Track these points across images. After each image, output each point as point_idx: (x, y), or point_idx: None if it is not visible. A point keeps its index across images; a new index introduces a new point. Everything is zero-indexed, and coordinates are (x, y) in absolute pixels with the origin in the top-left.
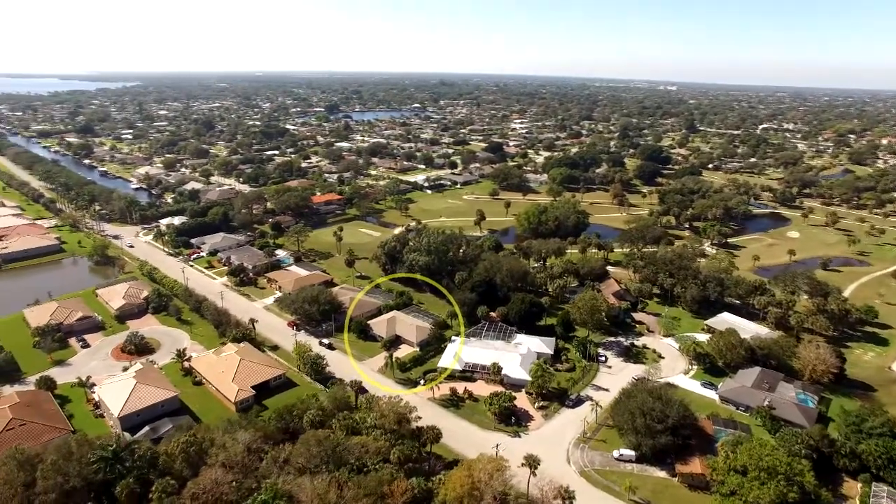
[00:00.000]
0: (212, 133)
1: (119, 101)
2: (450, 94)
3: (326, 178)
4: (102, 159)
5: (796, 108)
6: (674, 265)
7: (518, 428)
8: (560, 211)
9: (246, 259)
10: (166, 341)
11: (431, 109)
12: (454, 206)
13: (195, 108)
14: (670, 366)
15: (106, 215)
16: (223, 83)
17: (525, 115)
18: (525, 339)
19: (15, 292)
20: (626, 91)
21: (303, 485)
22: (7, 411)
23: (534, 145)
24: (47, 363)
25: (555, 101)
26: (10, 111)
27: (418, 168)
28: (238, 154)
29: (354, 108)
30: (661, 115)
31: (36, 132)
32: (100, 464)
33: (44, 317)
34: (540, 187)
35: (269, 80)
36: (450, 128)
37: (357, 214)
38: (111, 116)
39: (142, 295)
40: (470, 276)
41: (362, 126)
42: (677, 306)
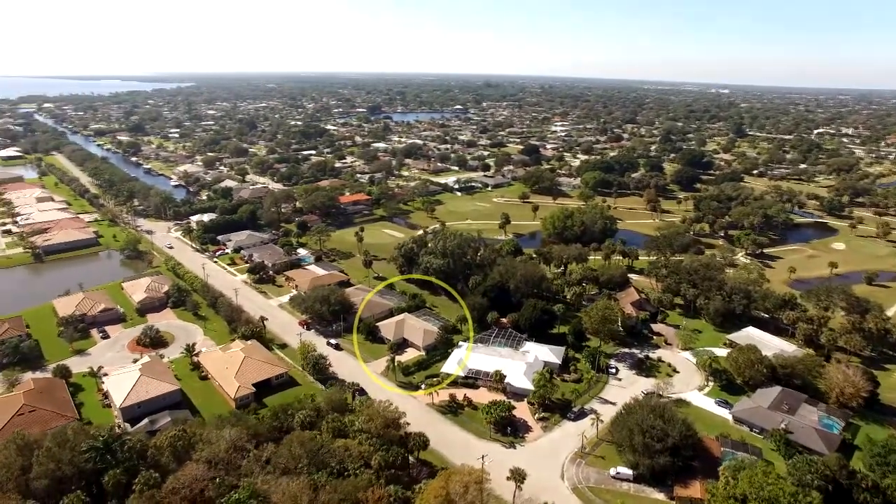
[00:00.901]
0: (253, 132)
1: (172, 101)
2: (493, 95)
3: (358, 178)
4: (148, 157)
5: (859, 111)
6: (698, 275)
7: (514, 439)
8: (587, 216)
9: (267, 257)
10: (180, 335)
11: (473, 111)
12: (482, 208)
13: (242, 108)
14: (684, 381)
15: (142, 211)
16: (272, 84)
17: (567, 117)
18: (534, 347)
19: (51, 283)
20: (675, 94)
21: (279, 485)
22: (21, 397)
23: (571, 148)
24: (68, 352)
25: (599, 104)
26: (74, 111)
27: (451, 170)
28: (275, 153)
29: (396, 109)
30: (708, 119)
31: (93, 131)
32: (91, 453)
33: (70, 307)
34: (572, 191)
35: (316, 80)
36: (489, 130)
37: (384, 215)
38: (162, 116)
39: (163, 289)
40: (484, 281)
41: (401, 127)
42: (700, 318)
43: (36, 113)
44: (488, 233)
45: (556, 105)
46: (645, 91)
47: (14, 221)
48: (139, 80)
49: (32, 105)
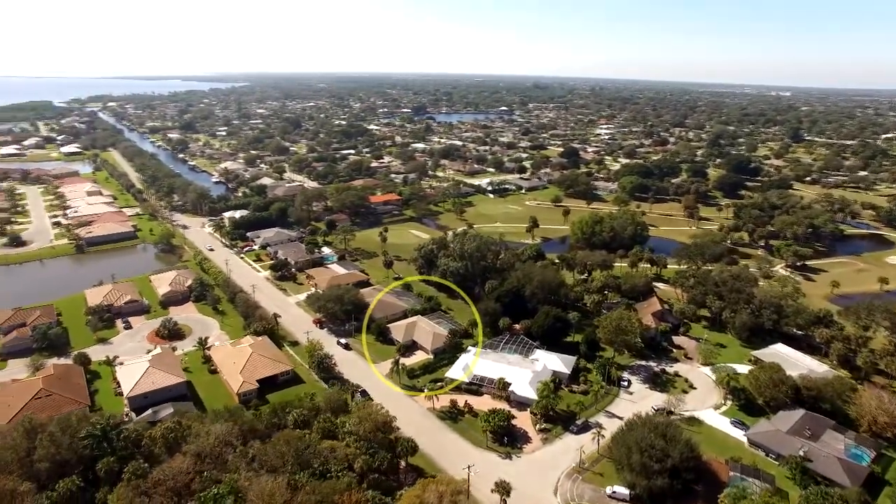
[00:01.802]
0: (297, 131)
1: (225, 100)
2: (541, 97)
3: (393, 178)
4: (194, 154)
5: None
6: (726, 287)
7: (512, 449)
8: (617, 221)
9: (291, 254)
10: (198, 329)
11: (518, 113)
12: (513, 211)
13: (290, 107)
14: (700, 398)
15: (180, 206)
16: (322, 84)
17: (613, 120)
18: (543, 355)
19: (88, 273)
20: (731, 97)
21: (258, 483)
22: (39, 382)
23: (613, 152)
24: (93, 340)
25: (648, 107)
26: (134, 110)
27: (488, 171)
28: (315, 152)
29: (441, 110)
30: (763, 123)
31: (148, 128)
32: (89, 440)
33: (98, 297)
34: (608, 196)
35: (366, 81)
36: (531, 132)
37: (413, 216)
38: (213, 114)
39: (186, 283)
40: (501, 285)
41: (443, 128)
42: (726, 333)
43: (101, 111)
44: (516, 236)
45: (604, 108)
46: (699, 94)
47: (64, 214)
48: (198, 80)
49: (99, 104)
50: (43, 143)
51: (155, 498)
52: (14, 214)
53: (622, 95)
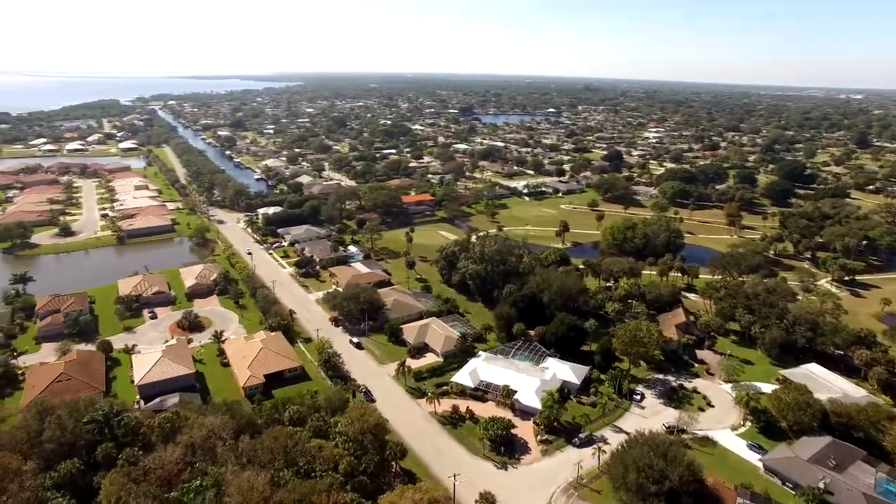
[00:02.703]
0: (342, 130)
1: (277, 99)
2: (591, 99)
3: (430, 178)
4: (240, 151)
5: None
6: (758, 300)
7: (509, 459)
8: (650, 228)
9: (317, 252)
10: (217, 321)
11: (566, 115)
12: (546, 214)
13: (339, 107)
14: (717, 417)
15: (219, 202)
16: (373, 84)
17: (664, 123)
18: (554, 363)
19: (125, 263)
20: (795, 100)
21: (240, 477)
22: (62, 366)
23: (659, 156)
24: (119, 328)
25: (703, 110)
26: (190, 108)
27: (526, 173)
28: (356, 151)
29: (488, 111)
30: (826, 128)
31: (201, 126)
32: (91, 425)
33: (129, 287)
34: (647, 201)
35: (417, 81)
36: (576, 134)
37: (445, 217)
38: (264, 112)
39: (211, 277)
40: (520, 290)
41: (487, 129)
42: (756, 349)
43: (160, 109)
44: (546, 240)
45: (656, 110)
46: (760, 97)
47: (112, 207)
48: (255, 80)
49: (160, 102)
50: (104, 139)
51: (143, 486)
52: (68, 206)
53: (676, 98)
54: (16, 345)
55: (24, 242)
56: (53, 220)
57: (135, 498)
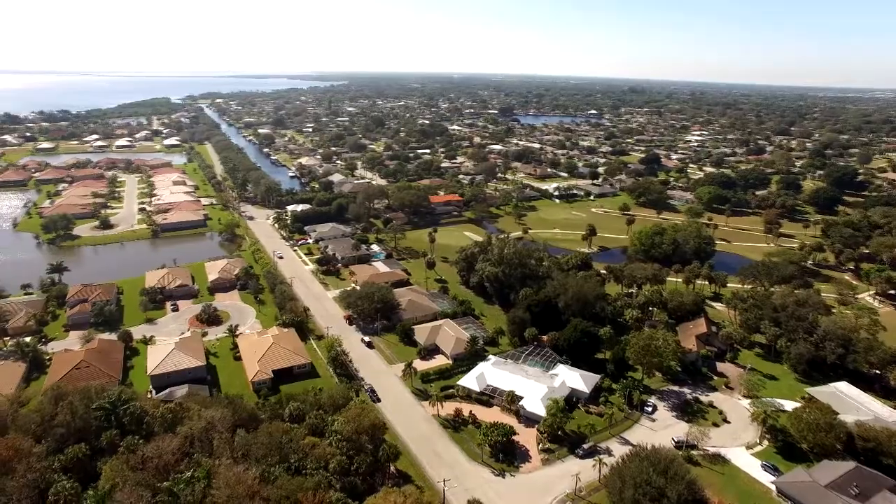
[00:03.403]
0: (379, 129)
1: (321, 97)
2: (636, 101)
3: (461, 178)
4: (278, 149)
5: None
6: (785, 312)
7: (507, 467)
8: (680, 233)
9: (339, 250)
10: (235, 316)
11: (608, 117)
12: (575, 218)
13: (379, 106)
14: (732, 434)
15: (252, 198)
16: (417, 83)
17: (709, 126)
18: (564, 371)
19: (155, 256)
20: (857, 102)
21: (230, 470)
22: (82, 354)
23: (700, 160)
24: (142, 319)
25: (752, 113)
26: (236, 106)
27: (560, 176)
28: (391, 150)
29: (529, 112)
30: (888, 131)
31: (243, 124)
32: (99, 412)
33: (154, 280)
34: (682, 206)
35: (461, 81)
36: (615, 136)
37: (472, 218)
38: (306, 111)
39: (234, 272)
40: (536, 294)
41: (525, 130)
42: (782, 364)
43: (207, 107)
44: (572, 244)
45: (702, 113)
46: (817, 99)
47: (149, 201)
48: (301, 79)
49: (208, 100)
50: (152, 135)
51: (139, 473)
52: (110, 200)
53: (724, 100)
54: (47, 331)
55: (66, 234)
56: (95, 213)
57: (130, 485)
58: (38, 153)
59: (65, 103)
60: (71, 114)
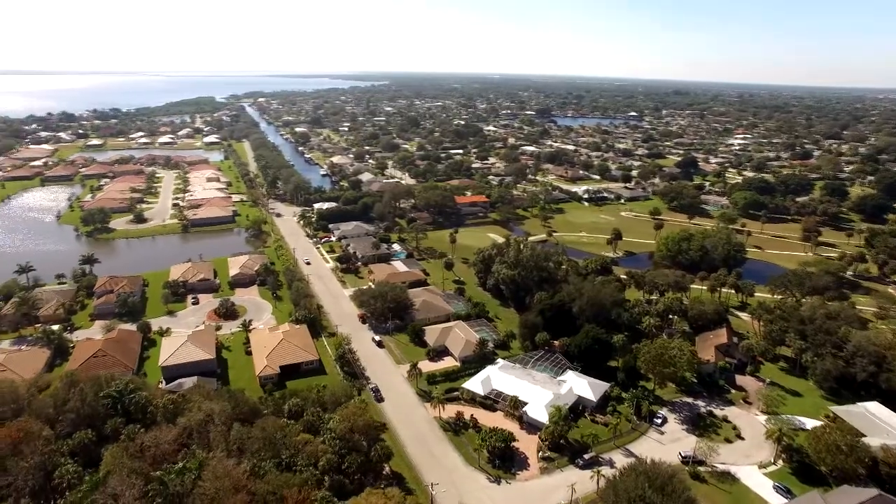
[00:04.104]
0: (414, 129)
1: (360, 97)
2: (678, 103)
3: (490, 179)
4: (313, 148)
5: None
6: (813, 325)
7: (505, 473)
8: (709, 239)
9: (360, 248)
10: (252, 311)
11: (648, 119)
12: (603, 221)
13: (417, 106)
14: (745, 451)
15: (281, 195)
16: (457, 84)
17: (754, 130)
18: (573, 377)
19: (183, 250)
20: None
21: (220, 463)
22: (100, 343)
23: (740, 164)
24: (163, 311)
25: (802, 116)
26: (277, 105)
27: (591, 178)
28: (423, 150)
29: (567, 113)
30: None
31: (282, 122)
32: (106, 400)
33: (178, 273)
34: (715, 211)
35: (502, 82)
36: (653, 139)
37: (497, 219)
38: (343, 110)
39: (254, 268)
40: (551, 298)
41: (561, 131)
42: (808, 379)
43: (249, 106)
44: (597, 248)
45: (747, 115)
46: (876, 101)
47: (183, 197)
48: (343, 79)
49: (251, 99)
50: (193, 133)
51: (136, 461)
52: (147, 195)
53: (773, 103)
54: (75, 320)
55: (103, 227)
56: (131, 207)
57: (124, 472)
58: (87, 149)
59: (118, 102)
60: (121, 112)
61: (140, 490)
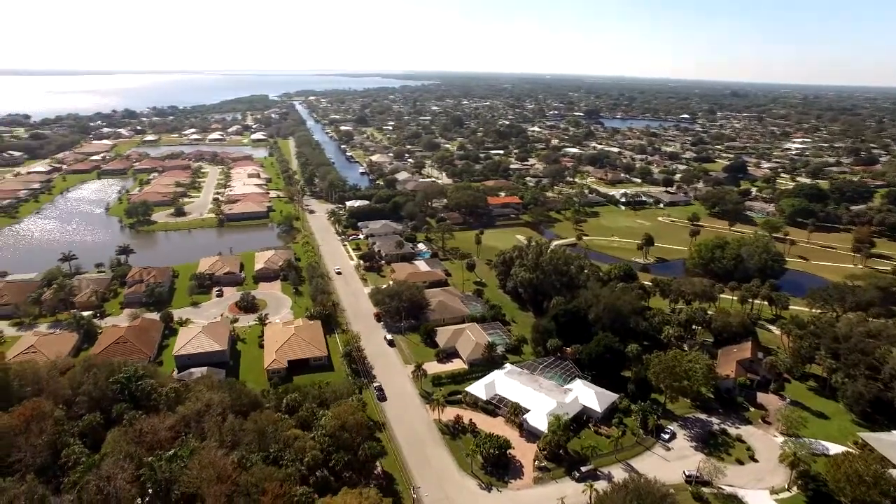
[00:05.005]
0: (457, 129)
1: (410, 97)
2: (735, 105)
3: (527, 181)
4: (354, 146)
5: None
6: (848, 343)
7: (497, 481)
8: (745, 248)
9: (386, 247)
10: (272, 305)
11: (701, 122)
12: (638, 226)
13: (464, 106)
14: (757, 474)
15: (317, 192)
16: (507, 84)
17: (815, 133)
18: (580, 387)
19: (216, 244)
20: None
21: (209, 452)
22: (123, 330)
23: (795, 169)
24: (188, 302)
25: (872, 119)
26: (326, 103)
27: (632, 181)
28: (463, 150)
29: (616, 115)
30: None
31: (328, 120)
32: (115, 385)
33: (206, 266)
34: (759, 218)
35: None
36: (703, 142)
37: (529, 221)
38: (390, 109)
39: (279, 263)
40: (569, 303)
41: (607, 133)
42: (837, 401)
43: (300, 104)
44: (628, 253)
45: (810, 118)
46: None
47: (223, 192)
48: (395, 78)
49: (302, 98)
50: (242, 130)
51: (133, 446)
52: (190, 189)
53: (840, 105)
54: (106, 307)
55: (145, 219)
56: (174, 201)
57: (119, 456)
58: (143, 145)
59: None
60: (178, 109)
61: (132, 474)
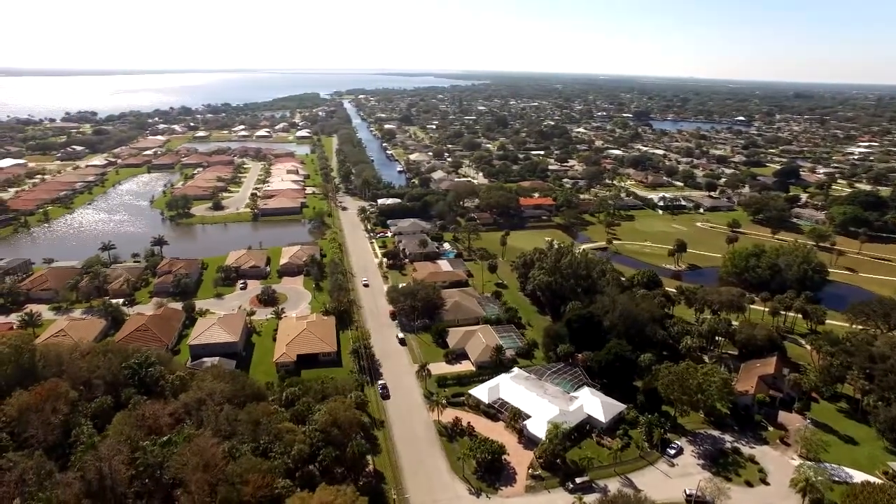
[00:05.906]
0: (500, 129)
1: (458, 96)
2: (797, 107)
3: (564, 182)
4: (396, 144)
5: None
6: (884, 364)
7: (487, 487)
8: (784, 257)
9: (410, 246)
10: (292, 299)
11: (757, 124)
12: (674, 231)
13: (511, 106)
14: (767, 498)
15: (352, 189)
16: (559, 84)
17: (885, 137)
18: (587, 395)
19: (247, 238)
20: None
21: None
22: (145, 318)
23: (853, 175)
24: (212, 294)
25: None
26: (374, 102)
27: (673, 185)
28: (503, 150)
29: (667, 117)
30: None
31: (374, 119)
32: (126, 371)
33: (233, 259)
34: (807, 226)
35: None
36: (756, 145)
37: (561, 223)
38: (436, 108)
39: (303, 258)
40: (585, 308)
41: (655, 135)
42: (870, 426)
43: (347, 102)
44: (659, 259)
45: (882, 121)
46: None
47: (261, 188)
48: (447, 77)
49: (351, 96)
50: (288, 127)
51: (134, 430)
52: (231, 184)
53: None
54: (137, 296)
55: (184, 212)
56: (213, 195)
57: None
58: (193, 141)
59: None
60: (230, 106)
61: (128, 456)
